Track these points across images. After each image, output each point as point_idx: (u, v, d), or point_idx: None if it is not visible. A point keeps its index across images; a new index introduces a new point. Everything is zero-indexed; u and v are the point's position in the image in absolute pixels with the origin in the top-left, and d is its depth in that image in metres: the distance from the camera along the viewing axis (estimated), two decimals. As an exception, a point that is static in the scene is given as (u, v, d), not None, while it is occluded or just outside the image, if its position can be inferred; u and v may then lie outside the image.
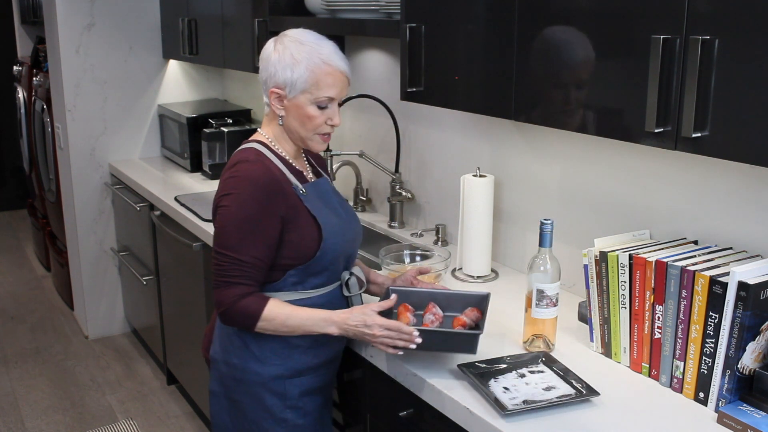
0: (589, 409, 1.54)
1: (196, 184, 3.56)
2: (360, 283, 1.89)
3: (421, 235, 2.67)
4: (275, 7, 2.89)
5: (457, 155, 2.54)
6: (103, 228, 4.14)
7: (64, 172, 4.13)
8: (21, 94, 5.25)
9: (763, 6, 1.25)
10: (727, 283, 1.47)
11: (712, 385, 1.53)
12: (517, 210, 2.33)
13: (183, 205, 3.14)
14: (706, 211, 1.77)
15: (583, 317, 1.93)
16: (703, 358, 1.54)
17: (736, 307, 1.46)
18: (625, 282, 1.68)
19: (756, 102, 1.28)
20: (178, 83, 4.21)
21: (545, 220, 1.75)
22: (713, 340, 1.51)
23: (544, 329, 1.78)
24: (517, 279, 2.28)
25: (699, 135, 1.37)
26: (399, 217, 2.79)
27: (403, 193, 2.76)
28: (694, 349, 1.56)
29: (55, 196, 4.54)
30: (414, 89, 2.11)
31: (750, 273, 1.46)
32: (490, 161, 2.40)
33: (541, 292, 1.75)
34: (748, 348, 1.48)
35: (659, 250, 1.69)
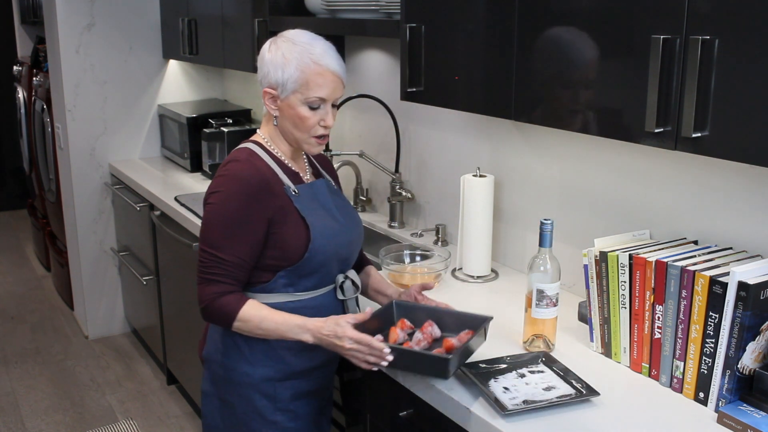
0: (589, 409, 1.54)
1: (196, 184, 3.56)
2: (356, 287, 1.87)
3: (421, 235, 2.67)
4: (275, 7, 2.89)
5: (457, 155, 2.54)
6: (103, 228, 4.14)
7: (64, 172, 4.13)
8: (21, 94, 5.25)
9: (763, 6, 1.25)
10: (727, 283, 1.47)
11: (712, 385, 1.53)
12: (517, 210, 2.33)
13: (183, 205, 3.14)
14: (706, 211, 1.76)
15: (583, 317, 1.93)
16: (703, 358, 1.54)
17: (736, 307, 1.45)
18: (625, 282, 1.68)
19: (756, 102, 1.28)
20: (178, 83, 4.21)
21: (545, 220, 1.75)
22: (713, 340, 1.51)
23: (544, 329, 1.78)
24: (517, 279, 2.28)
25: (699, 135, 1.37)
26: (399, 217, 2.79)
27: (403, 193, 2.75)
28: (694, 349, 1.56)
29: (55, 196, 4.54)
30: (414, 89, 2.11)
31: (750, 273, 1.46)
32: (490, 161, 2.40)
33: (541, 292, 1.75)
34: (748, 348, 1.48)
35: (659, 250, 1.69)
